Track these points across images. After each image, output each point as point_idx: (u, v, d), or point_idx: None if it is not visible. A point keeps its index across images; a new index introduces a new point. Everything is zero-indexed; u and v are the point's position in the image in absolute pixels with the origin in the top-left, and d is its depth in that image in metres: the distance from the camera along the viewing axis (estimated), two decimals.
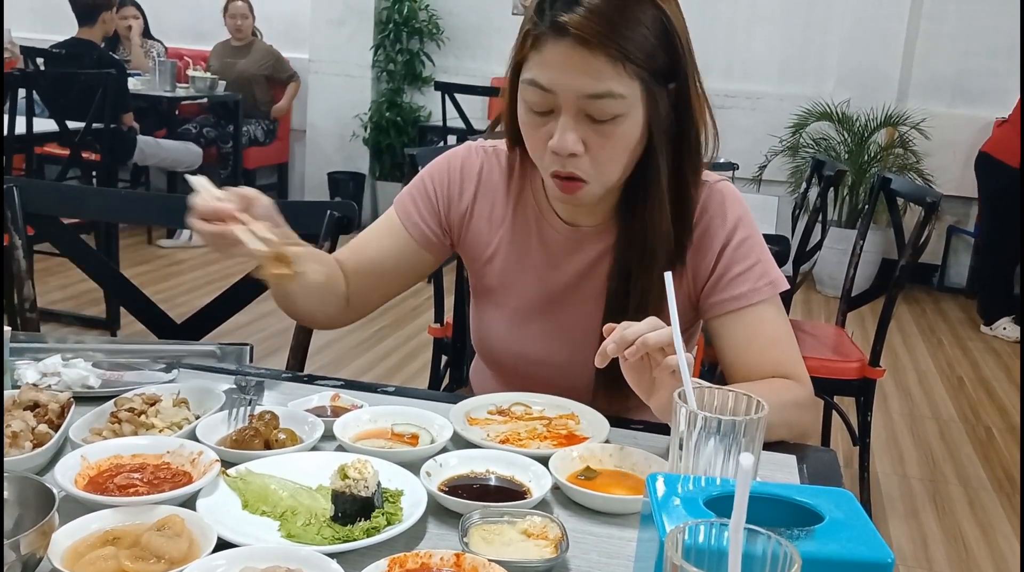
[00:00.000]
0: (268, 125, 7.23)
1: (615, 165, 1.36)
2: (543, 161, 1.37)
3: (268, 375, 1.47)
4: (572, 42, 1.26)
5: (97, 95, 4.62)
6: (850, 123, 6.14)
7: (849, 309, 3.40)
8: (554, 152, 1.32)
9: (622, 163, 1.36)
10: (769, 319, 1.45)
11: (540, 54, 1.30)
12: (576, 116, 1.30)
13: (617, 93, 1.28)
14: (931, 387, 4.60)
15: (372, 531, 0.99)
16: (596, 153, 1.33)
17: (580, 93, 1.28)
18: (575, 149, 1.31)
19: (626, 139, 1.33)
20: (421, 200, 1.57)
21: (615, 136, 1.32)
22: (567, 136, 1.31)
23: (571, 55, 1.27)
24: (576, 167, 1.34)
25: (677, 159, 1.39)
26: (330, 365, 4.04)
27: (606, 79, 1.27)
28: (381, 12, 7.11)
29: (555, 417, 1.36)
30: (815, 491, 0.92)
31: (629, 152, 1.35)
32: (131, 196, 2.20)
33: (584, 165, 1.33)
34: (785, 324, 1.47)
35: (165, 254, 6.06)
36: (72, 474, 1.04)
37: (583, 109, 1.30)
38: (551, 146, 1.32)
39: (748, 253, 1.46)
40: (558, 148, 1.31)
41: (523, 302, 1.55)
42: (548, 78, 1.30)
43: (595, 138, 1.32)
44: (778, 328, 1.45)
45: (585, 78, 1.27)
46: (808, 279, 6.06)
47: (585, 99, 1.29)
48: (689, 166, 1.41)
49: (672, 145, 1.38)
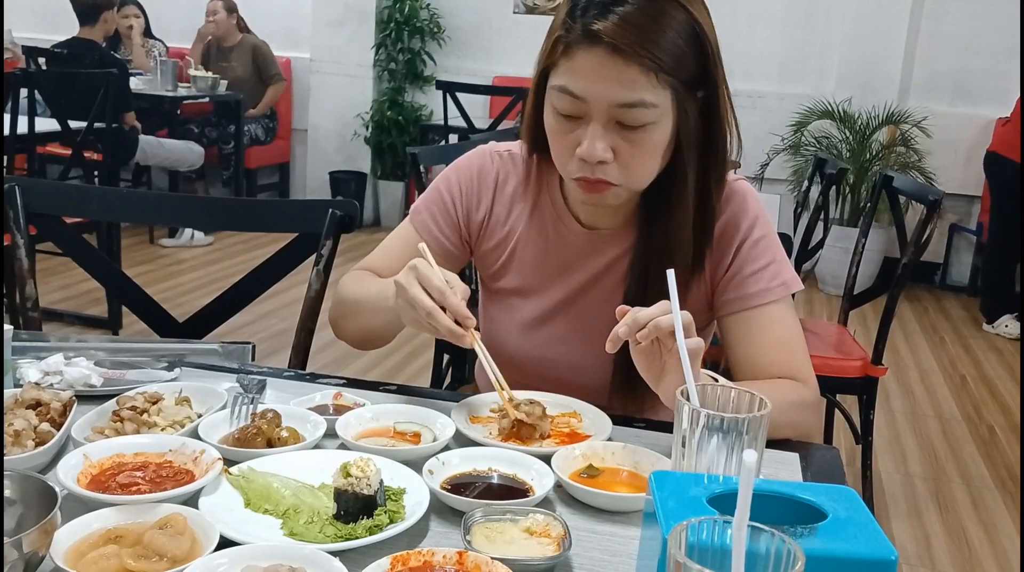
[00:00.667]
0: (269, 124, 7.23)
1: (643, 172, 1.36)
2: (568, 166, 1.36)
3: (270, 374, 1.47)
4: (606, 50, 1.26)
5: (99, 95, 4.62)
6: (852, 122, 6.13)
7: (851, 307, 3.39)
8: (582, 159, 1.32)
9: (650, 169, 1.36)
10: (780, 319, 1.45)
11: (571, 61, 1.30)
12: (606, 124, 1.30)
13: (649, 102, 1.28)
14: (933, 385, 4.59)
15: (374, 529, 0.99)
16: (625, 160, 1.32)
17: (612, 102, 1.28)
18: (604, 157, 1.31)
19: (655, 147, 1.33)
20: (440, 212, 1.56)
21: (644, 144, 1.32)
22: (597, 144, 1.30)
23: (604, 64, 1.26)
24: (604, 174, 1.33)
25: (703, 166, 1.39)
26: (332, 364, 4.04)
27: (639, 89, 1.27)
28: (382, 11, 7.11)
29: (558, 415, 1.36)
30: (818, 489, 0.92)
31: (657, 159, 1.35)
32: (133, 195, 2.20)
33: (612, 171, 1.33)
34: (796, 325, 1.46)
35: (167, 253, 6.06)
36: (74, 473, 1.04)
37: (614, 117, 1.30)
38: (580, 153, 1.32)
39: (763, 252, 1.46)
40: (587, 156, 1.31)
41: (539, 305, 1.55)
42: (580, 86, 1.29)
43: (624, 146, 1.31)
44: (788, 329, 1.45)
45: (618, 87, 1.27)
46: (810, 278, 6.05)
47: (616, 108, 1.28)
48: (714, 174, 1.40)
49: (699, 152, 1.37)
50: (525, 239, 1.54)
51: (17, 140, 4.40)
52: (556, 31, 1.32)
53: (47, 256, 4.39)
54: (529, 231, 1.54)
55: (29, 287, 1.83)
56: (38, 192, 1.85)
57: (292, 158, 7.69)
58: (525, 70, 1.55)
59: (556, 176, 1.52)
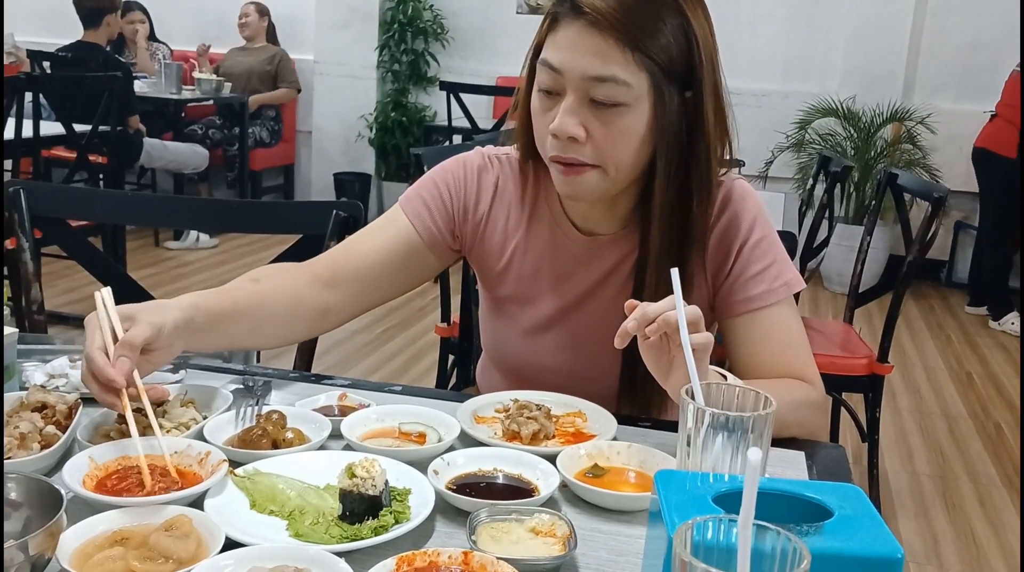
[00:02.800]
0: (274, 127, 7.25)
1: (617, 156, 1.33)
2: (546, 146, 1.35)
3: (275, 375, 1.48)
4: (585, 23, 1.27)
5: (103, 98, 4.63)
6: (856, 119, 6.12)
7: (857, 305, 3.39)
8: (554, 135, 1.32)
9: (624, 155, 1.33)
10: (783, 321, 1.44)
11: (555, 35, 1.31)
12: (580, 100, 1.30)
13: (621, 79, 1.27)
14: (939, 383, 4.59)
15: (380, 530, 0.99)
16: (598, 141, 1.31)
17: (584, 74, 1.28)
18: (574, 132, 1.30)
19: (628, 131, 1.31)
20: (434, 203, 1.52)
21: (616, 126, 1.30)
22: (567, 119, 1.30)
23: (582, 34, 1.27)
24: (578, 153, 1.32)
25: (683, 170, 1.36)
26: (337, 365, 4.04)
27: (611, 63, 1.27)
28: (386, 13, 7.12)
29: (562, 415, 1.36)
30: (824, 487, 0.92)
31: (632, 146, 1.33)
32: (138, 198, 2.21)
33: (586, 151, 1.32)
34: (798, 326, 1.46)
35: (172, 256, 6.07)
36: (80, 475, 1.04)
37: (587, 92, 1.29)
38: (552, 128, 1.31)
39: (764, 253, 1.44)
40: (558, 130, 1.30)
41: (539, 313, 1.54)
42: (557, 57, 1.30)
43: (597, 125, 1.30)
44: (792, 330, 1.44)
45: (592, 59, 1.27)
46: (815, 276, 6.04)
47: (589, 81, 1.28)
48: (696, 180, 1.37)
49: (679, 155, 1.35)
50: (523, 246, 1.53)
51: (23, 144, 4.41)
52: (549, 9, 1.33)
53: (52, 259, 4.38)
54: (527, 238, 1.52)
55: (34, 290, 1.83)
56: (43, 195, 1.85)
57: (296, 160, 7.69)
58: None
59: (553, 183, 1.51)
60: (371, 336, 4.65)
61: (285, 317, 1.42)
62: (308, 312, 1.44)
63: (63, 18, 6.51)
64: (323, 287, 1.45)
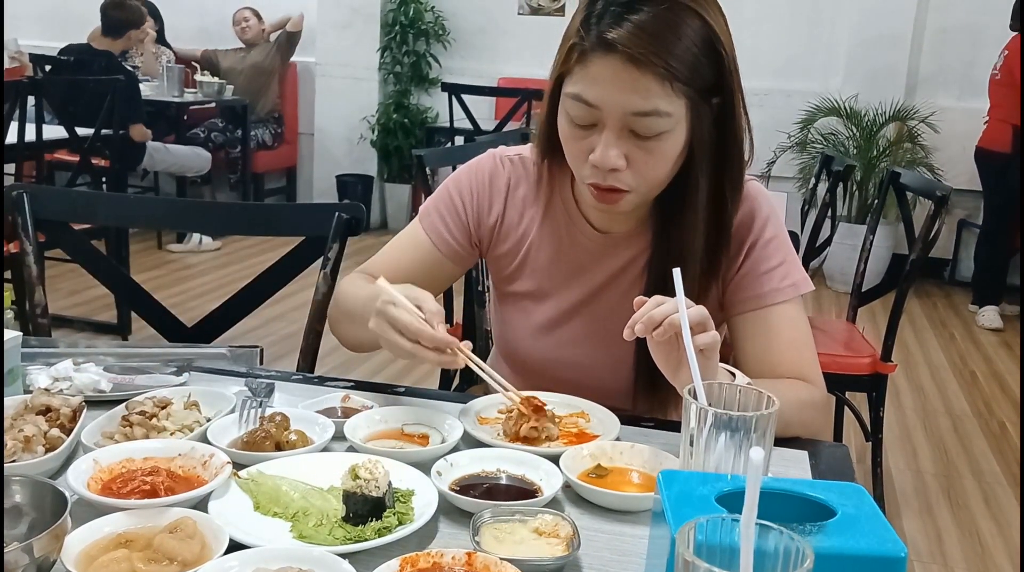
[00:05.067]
0: (276, 129, 7.26)
1: (656, 179, 1.35)
2: (582, 171, 1.36)
3: (278, 377, 1.48)
4: (620, 59, 1.25)
5: (106, 101, 4.63)
6: (858, 118, 6.12)
7: (860, 304, 3.39)
8: (595, 166, 1.32)
9: (662, 177, 1.36)
10: (789, 319, 1.45)
11: (586, 69, 1.29)
12: (620, 132, 1.30)
13: (663, 111, 1.27)
14: (943, 381, 4.58)
15: (384, 531, 0.99)
16: (638, 168, 1.32)
17: (627, 111, 1.27)
18: (617, 164, 1.30)
19: (668, 155, 1.32)
20: (449, 215, 1.55)
21: (658, 152, 1.31)
22: (610, 152, 1.30)
23: (619, 72, 1.26)
24: (617, 181, 1.33)
25: (717, 174, 1.38)
26: (340, 367, 4.04)
27: (653, 98, 1.26)
28: (387, 14, 7.12)
29: (565, 415, 1.36)
30: (827, 486, 0.92)
31: (670, 166, 1.35)
32: (141, 201, 2.21)
33: (626, 178, 1.33)
34: (805, 326, 1.46)
35: (175, 259, 6.08)
36: (84, 478, 1.04)
37: (627, 125, 1.29)
38: (593, 160, 1.31)
39: (775, 252, 1.46)
40: (600, 163, 1.31)
41: (554, 308, 1.55)
42: (594, 94, 1.28)
43: (638, 153, 1.31)
44: (798, 329, 1.45)
45: (632, 96, 1.26)
46: (818, 275, 6.04)
47: (631, 117, 1.28)
48: (728, 181, 1.39)
49: (713, 160, 1.36)
50: (538, 242, 1.54)
51: (25, 147, 4.41)
52: (571, 38, 1.31)
53: (56, 263, 4.39)
54: (542, 234, 1.54)
55: (38, 294, 1.84)
56: (46, 199, 1.85)
57: (299, 162, 7.70)
58: (530, 71, 1.56)
59: (568, 180, 1.52)
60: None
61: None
62: None
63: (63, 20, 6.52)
64: None
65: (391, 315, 1.24)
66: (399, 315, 1.24)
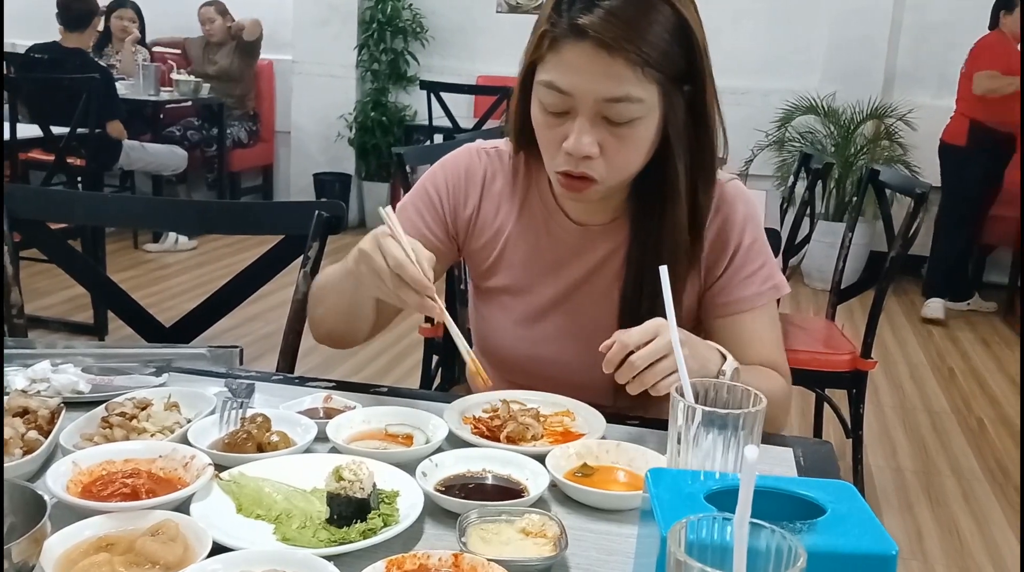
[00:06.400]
0: (252, 127, 7.21)
1: (627, 167, 1.36)
2: (554, 159, 1.36)
3: (259, 377, 1.46)
4: (592, 45, 1.25)
5: (81, 100, 4.59)
6: (836, 116, 6.15)
7: (839, 302, 3.40)
8: (568, 153, 1.32)
9: (633, 165, 1.36)
10: (767, 321, 1.48)
11: (558, 56, 1.29)
12: (593, 119, 1.30)
13: (636, 97, 1.28)
14: (922, 378, 4.60)
15: (368, 533, 0.98)
16: (611, 155, 1.32)
17: (599, 97, 1.28)
18: (591, 151, 1.31)
19: (641, 142, 1.33)
20: (426, 209, 1.55)
21: (631, 139, 1.32)
22: (583, 139, 1.30)
23: (591, 58, 1.26)
24: (588, 168, 1.33)
25: (691, 161, 1.39)
26: (320, 367, 4.02)
27: (625, 83, 1.27)
28: (364, 12, 7.09)
29: (551, 414, 1.35)
30: (816, 484, 0.91)
31: (643, 154, 1.35)
32: (117, 200, 2.19)
33: (598, 167, 1.33)
34: (778, 323, 1.51)
35: (152, 258, 6.03)
36: (64, 480, 1.03)
37: (600, 112, 1.29)
38: (566, 147, 1.31)
39: (757, 255, 1.48)
40: (574, 150, 1.31)
41: (533, 303, 1.54)
42: (567, 81, 1.29)
43: (611, 140, 1.31)
44: (773, 329, 1.49)
45: (605, 82, 1.27)
46: (797, 273, 6.06)
47: (603, 103, 1.28)
48: (701, 171, 1.40)
49: (687, 147, 1.37)
50: (515, 237, 1.54)
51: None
52: (542, 26, 1.32)
53: (32, 262, 4.36)
54: (519, 228, 1.54)
55: (14, 294, 1.81)
56: (22, 198, 1.83)
57: (276, 160, 7.67)
58: (509, 69, 1.55)
59: (544, 173, 1.51)
60: None
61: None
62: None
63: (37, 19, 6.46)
64: None
65: (382, 242, 1.24)
66: (390, 244, 1.24)
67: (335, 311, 1.48)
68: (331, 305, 1.48)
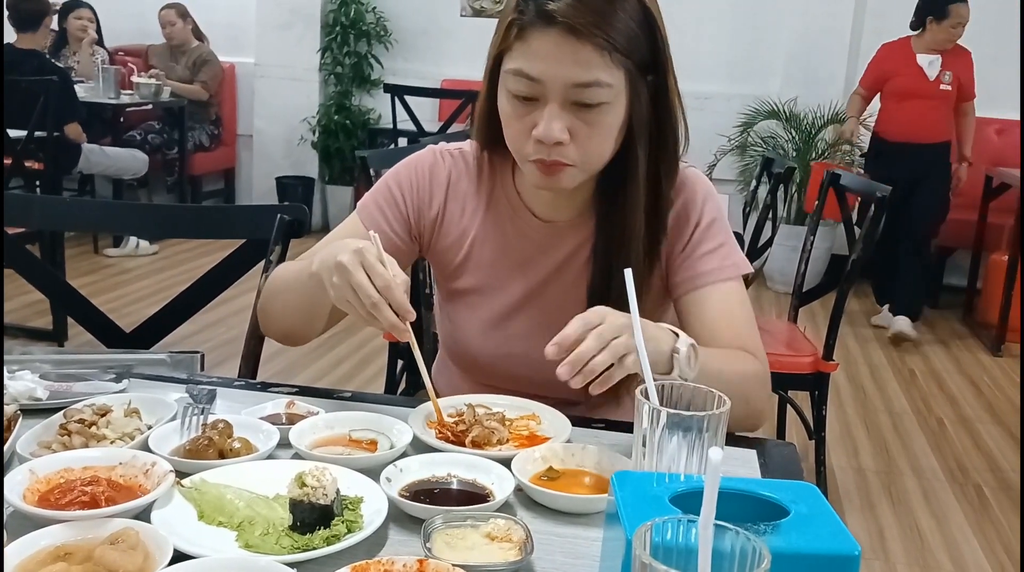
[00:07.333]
0: (213, 131, 7.15)
1: (598, 153, 1.37)
2: (524, 149, 1.36)
3: (220, 383, 1.45)
4: (560, 31, 1.27)
5: (39, 103, 4.53)
6: (797, 121, 6.20)
7: (801, 305, 3.42)
8: (539, 141, 1.33)
9: (605, 151, 1.37)
10: (732, 295, 1.47)
11: (526, 44, 1.30)
12: (562, 105, 1.31)
13: (604, 82, 1.29)
14: (883, 380, 4.65)
15: (332, 539, 0.97)
16: (581, 141, 1.33)
17: (568, 82, 1.29)
18: (561, 138, 1.31)
19: (610, 127, 1.35)
20: (389, 207, 1.54)
21: (600, 125, 1.33)
22: (554, 125, 1.31)
23: (559, 44, 1.27)
24: (561, 155, 1.34)
25: (654, 153, 1.40)
26: (282, 373, 4.00)
27: (594, 68, 1.28)
28: (328, 15, 7.06)
29: (516, 418, 1.35)
30: (779, 485, 0.92)
31: (612, 140, 1.37)
32: (76, 204, 2.16)
33: (569, 153, 1.34)
34: (746, 306, 1.49)
35: (112, 263, 5.97)
36: (20, 489, 1.01)
37: (570, 98, 1.30)
38: (537, 135, 1.32)
39: (716, 234, 1.48)
40: (544, 137, 1.31)
41: (501, 302, 1.54)
42: (536, 67, 1.30)
43: (581, 126, 1.32)
44: (741, 306, 1.48)
45: (574, 67, 1.28)
46: (759, 276, 6.10)
47: (572, 88, 1.29)
48: (664, 162, 1.42)
49: (650, 137, 1.39)
50: (482, 237, 1.54)
51: None
52: (509, 15, 1.33)
53: None
54: (485, 228, 1.54)
55: None
56: None
57: (237, 164, 7.61)
58: (473, 73, 1.55)
59: (509, 171, 1.52)
60: (316, 342, 4.58)
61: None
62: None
63: None
64: None
65: (368, 258, 1.22)
66: (375, 263, 1.22)
67: (293, 308, 1.47)
68: (289, 302, 1.47)
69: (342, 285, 1.23)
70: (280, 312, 1.50)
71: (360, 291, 1.21)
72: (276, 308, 1.51)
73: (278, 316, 1.51)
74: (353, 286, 1.22)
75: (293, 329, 1.51)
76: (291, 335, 1.52)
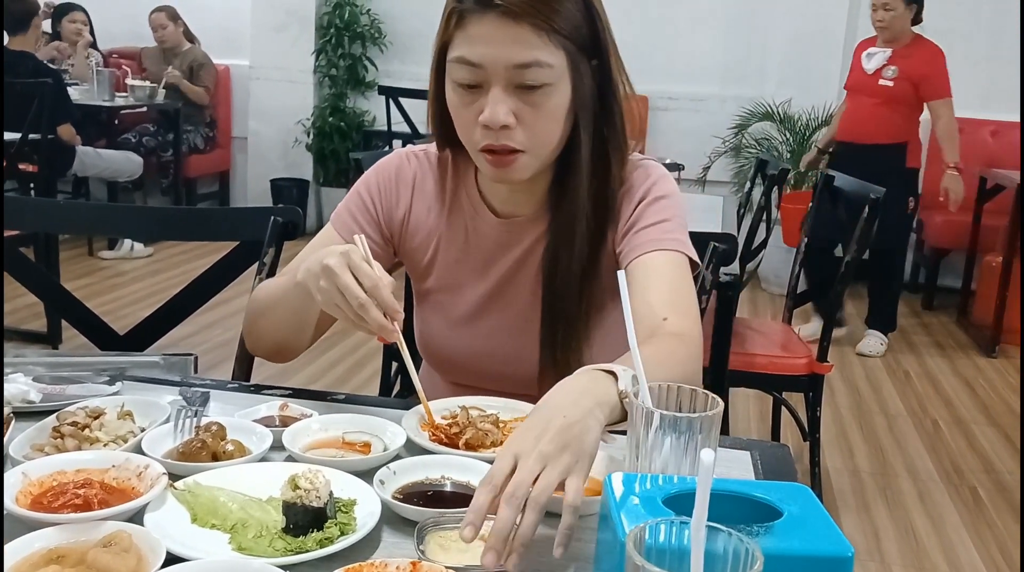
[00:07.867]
0: (208, 133, 7.15)
1: (546, 135, 1.37)
2: (474, 137, 1.37)
3: (214, 386, 1.45)
4: (497, 14, 1.29)
5: (33, 105, 4.53)
6: (792, 122, 6.21)
7: (795, 306, 3.43)
8: (486, 126, 1.33)
9: (553, 133, 1.38)
10: (669, 265, 1.40)
11: (465, 31, 1.32)
12: (506, 89, 1.32)
13: (544, 62, 1.31)
14: (878, 381, 4.66)
15: (325, 542, 0.97)
16: (529, 124, 1.34)
17: (508, 63, 1.30)
18: (507, 120, 1.32)
19: (555, 109, 1.35)
20: (360, 213, 1.56)
21: (545, 107, 1.34)
22: (498, 108, 1.32)
23: (497, 27, 1.29)
24: (509, 139, 1.34)
25: (600, 138, 1.42)
26: (276, 375, 3.98)
27: (533, 49, 1.30)
28: (322, 17, 7.06)
29: (510, 420, 1.35)
30: (772, 487, 0.92)
31: (559, 123, 1.37)
32: (71, 207, 2.16)
33: (517, 136, 1.35)
34: (685, 277, 1.41)
35: (107, 265, 5.96)
36: (13, 492, 1.01)
37: (512, 80, 1.32)
38: (483, 119, 1.33)
39: (661, 210, 1.45)
40: (490, 121, 1.32)
41: (465, 301, 1.56)
42: (476, 53, 1.31)
43: (526, 109, 1.33)
44: (674, 277, 1.39)
45: (513, 47, 1.30)
46: (754, 278, 6.10)
47: (513, 70, 1.31)
48: (613, 146, 1.43)
49: (595, 123, 1.40)
50: (447, 237, 1.56)
51: None
52: (450, 5, 1.35)
53: None
54: (450, 228, 1.55)
55: None
56: None
57: (232, 166, 7.61)
58: None
59: (471, 170, 1.54)
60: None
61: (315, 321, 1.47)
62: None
63: None
64: None
65: (354, 259, 1.23)
66: (362, 264, 1.23)
67: (280, 323, 1.47)
68: (276, 317, 1.47)
69: (329, 288, 1.23)
70: (267, 328, 1.50)
71: (347, 292, 1.22)
72: (263, 325, 1.51)
73: (265, 332, 1.51)
74: (340, 288, 1.22)
75: (281, 344, 1.51)
76: (280, 350, 1.53)
